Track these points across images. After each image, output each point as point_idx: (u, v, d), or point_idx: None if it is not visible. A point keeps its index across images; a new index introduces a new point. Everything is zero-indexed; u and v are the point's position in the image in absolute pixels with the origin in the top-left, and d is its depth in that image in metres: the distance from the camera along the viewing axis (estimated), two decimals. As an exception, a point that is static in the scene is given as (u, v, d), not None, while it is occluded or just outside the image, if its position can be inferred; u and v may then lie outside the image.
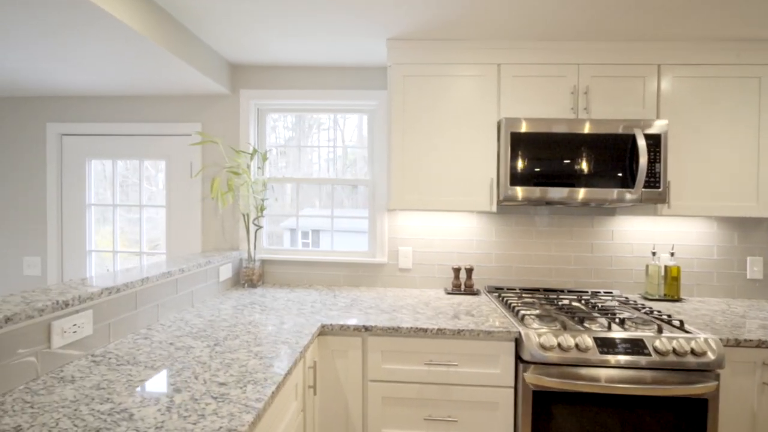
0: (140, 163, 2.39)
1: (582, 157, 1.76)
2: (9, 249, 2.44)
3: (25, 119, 2.42)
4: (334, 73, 2.27)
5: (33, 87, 2.27)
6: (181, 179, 2.34)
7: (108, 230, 2.43)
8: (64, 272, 2.42)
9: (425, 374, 1.53)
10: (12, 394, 0.93)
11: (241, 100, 2.28)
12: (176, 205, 2.35)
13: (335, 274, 2.26)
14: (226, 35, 1.89)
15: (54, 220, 2.40)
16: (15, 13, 1.38)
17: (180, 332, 1.40)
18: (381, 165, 2.24)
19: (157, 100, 2.35)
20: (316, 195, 2.43)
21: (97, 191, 2.44)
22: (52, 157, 2.40)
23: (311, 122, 2.45)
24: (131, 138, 2.38)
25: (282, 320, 1.57)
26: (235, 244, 2.30)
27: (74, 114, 2.40)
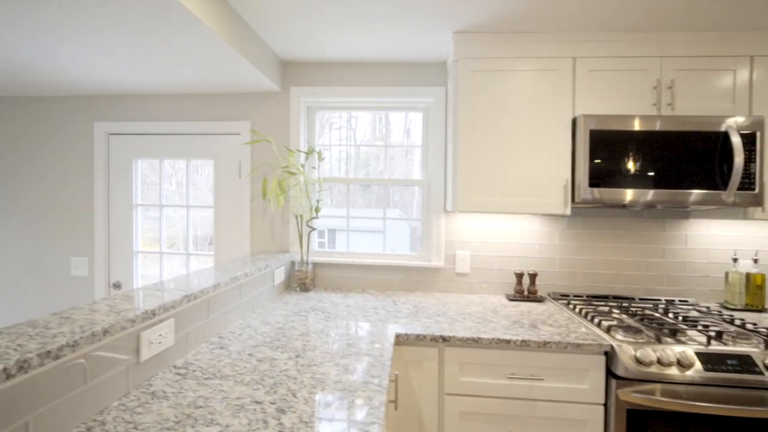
0: (187, 163, 2.34)
1: (667, 156, 1.64)
2: (57, 249, 2.41)
3: (73, 118, 2.39)
4: (387, 70, 2.19)
5: (81, 86, 2.23)
6: (229, 179, 2.28)
7: (154, 231, 2.39)
8: (110, 273, 2.38)
9: (507, 388, 1.43)
10: (109, 412, 0.86)
11: (291, 97, 2.21)
12: (224, 205, 2.29)
13: (389, 278, 2.18)
14: (281, 29, 1.82)
15: (101, 221, 2.37)
16: (66, 10, 1.33)
17: (253, 341, 1.33)
18: (437, 165, 2.14)
19: (205, 99, 2.29)
20: (342, 194, 2.35)
21: (144, 191, 2.40)
22: (100, 156, 2.37)
23: (337, 121, 2.37)
24: (179, 137, 2.33)
25: (352, 328, 1.49)
26: (284, 246, 2.23)
27: (121, 113, 2.36)
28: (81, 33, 1.52)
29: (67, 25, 1.46)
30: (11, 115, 2.45)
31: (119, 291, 2.38)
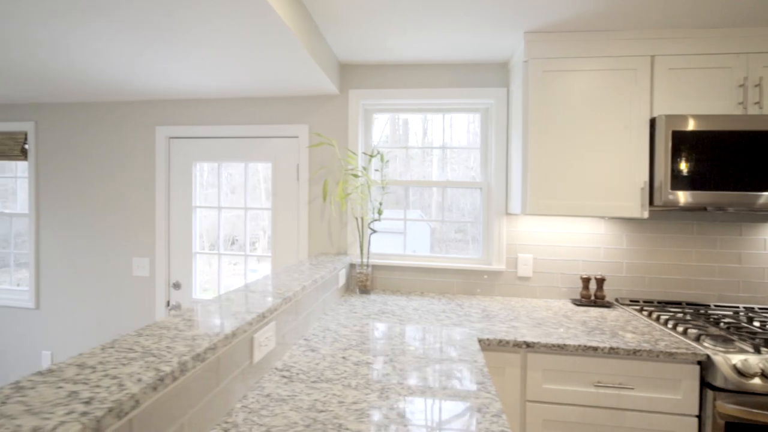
0: (245, 166, 2.38)
1: (754, 157, 1.56)
2: (120, 250, 2.49)
3: (136, 123, 2.46)
4: (445, 71, 2.17)
5: (145, 91, 2.30)
6: (286, 182, 2.31)
7: (212, 232, 2.44)
8: (171, 274, 2.44)
9: (593, 397, 1.39)
10: (236, 414, 0.88)
11: (350, 100, 2.22)
12: (281, 208, 2.32)
13: (447, 281, 2.16)
14: (345, 31, 1.82)
15: (162, 222, 2.43)
16: (135, 16, 1.36)
17: (340, 344, 1.33)
18: (498, 167, 2.11)
19: (263, 102, 2.33)
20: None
21: (202, 193, 2.45)
22: (161, 159, 2.43)
23: (404, 123, 2.36)
24: (237, 140, 2.37)
25: (429, 332, 1.47)
26: (342, 248, 2.24)
27: (181, 117, 2.42)
28: (160, 40, 1.56)
29: (147, 32, 1.50)
30: (79, 121, 2.54)
31: (181, 293, 2.43)
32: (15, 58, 1.81)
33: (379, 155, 1.99)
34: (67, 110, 2.56)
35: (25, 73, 2.01)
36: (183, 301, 2.43)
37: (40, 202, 2.61)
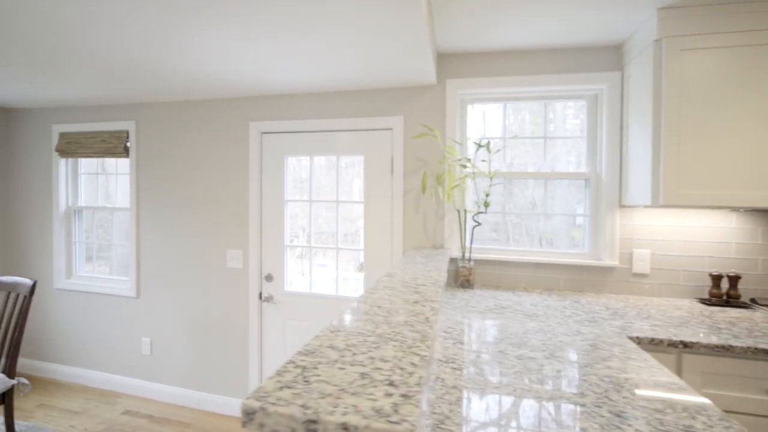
0: (337, 159, 2.39)
1: None
2: (215, 242, 2.58)
3: (230, 119, 2.54)
4: (550, 56, 2.07)
5: (239, 88, 2.36)
6: (379, 174, 2.29)
7: (303, 226, 2.47)
8: (263, 266, 2.50)
9: (764, 405, 1.26)
10: (439, 406, 0.84)
11: (447, 90, 2.17)
12: (374, 200, 2.30)
13: (553, 277, 2.06)
14: (451, 17, 1.76)
15: (255, 216, 2.49)
16: (251, 14, 1.36)
17: (484, 338, 1.28)
18: (611, 156, 1.99)
19: (356, 95, 2.32)
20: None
21: (294, 187, 2.49)
22: (254, 154, 2.49)
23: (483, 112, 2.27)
24: (328, 134, 2.38)
25: (569, 329, 1.39)
26: (437, 242, 2.19)
27: (274, 113, 2.47)
28: (272, 34, 1.57)
29: (260, 27, 1.51)
30: (176, 119, 2.65)
31: (271, 282, 2.48)
32: (128, 59, 1.89)
33: (487, 145, 1.92)
34: (165, 109, 2.68)
35: (131, 73, 2.10)
36: (275, 293, 2.47)
37: (140, 197, 2.75)
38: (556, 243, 2.17)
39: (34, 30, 1.59)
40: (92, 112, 2.85)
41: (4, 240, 3.08)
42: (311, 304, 2.41)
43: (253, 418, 0.45)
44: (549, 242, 2.17)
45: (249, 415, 0.46)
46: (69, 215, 2.98)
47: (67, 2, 1.37)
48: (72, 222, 2.98)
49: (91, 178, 3.02)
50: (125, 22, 1.51)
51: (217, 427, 2.39)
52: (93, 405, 2.61)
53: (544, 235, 2.18)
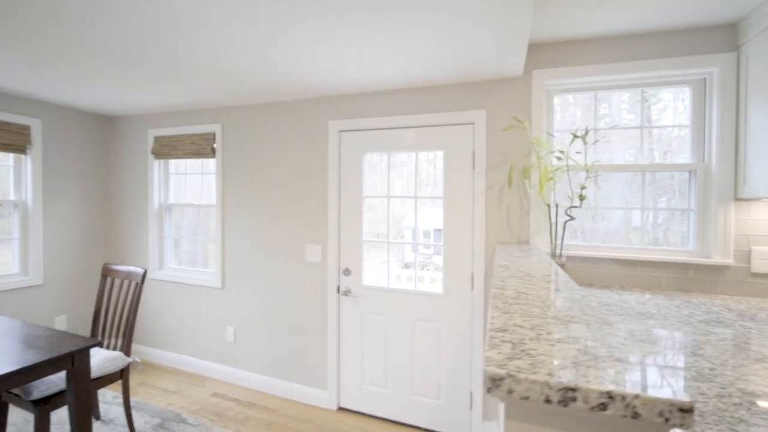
0: (416, 156, 2.41)
1: None
2: (294, 237, 2.69)
3: (310, 119, 2.65)
4: (650, 40, 1.94)
5: (319, 88, 2.45)
6: (459, 169, 2.27)
7: (381, 221, 2.51)
8: (341, 260, 2.57)
9: None
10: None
11: (534, 81, 2.11)
12: (454, 196, 2.29)
13: (654, 275, 1.93)
14: (539, 5, 1.71)
15: (333, 211, 2.57)
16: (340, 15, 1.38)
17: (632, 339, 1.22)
18: (724, 145, 1.83)
19: (435, 91, 2.32)
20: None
21: (372, 183, 2.54)
22: (333, 152, 2.57)
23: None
24: (406, 130, 2.41)
25: (698, 329, 1.29)
26: (522, 237, 2.14)
27: (352, 111, 2.53)
28: (363, 35, 1.60)
29: (349, 30, 1.55)
30: (258, 120, 2.81)
31: (349, 276, 2.55)
32: (219, 67, 2.02)
33: (584, 136, 1.84)
34: (248, 111, 2.85)
35: (221, 79, 2.25)
36: (353, 287, 2.54)
37: (225, 194, 2.94)
38: (654, 239, 2.03)
39: (137, 43, 1.75)
40: (183, 117, 3.10)
41: (107, 234, 3.42)
42: (389, 298, 2.44)
43: (500, 385, 0.46)
44: (653, 240, 2.03)
45: (496, 381, 0.46)
46: (161, 212, 3.25)
47: (165, 20, 1.49)
48: (163, 218, 3.25)
49: (179, 178, 3.28)
50: (221, 32, 1.62)
51: (299, 414, 2.49)
52: (185, 386, 2.83)
53: (639, 230, 2.05)
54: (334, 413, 2.52)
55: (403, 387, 2.41)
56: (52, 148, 3.01)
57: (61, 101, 2.91)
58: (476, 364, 2.23)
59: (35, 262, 2.89)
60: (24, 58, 2.01)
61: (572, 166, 1.98)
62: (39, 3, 1.45)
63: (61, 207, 3.08)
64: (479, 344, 2.22)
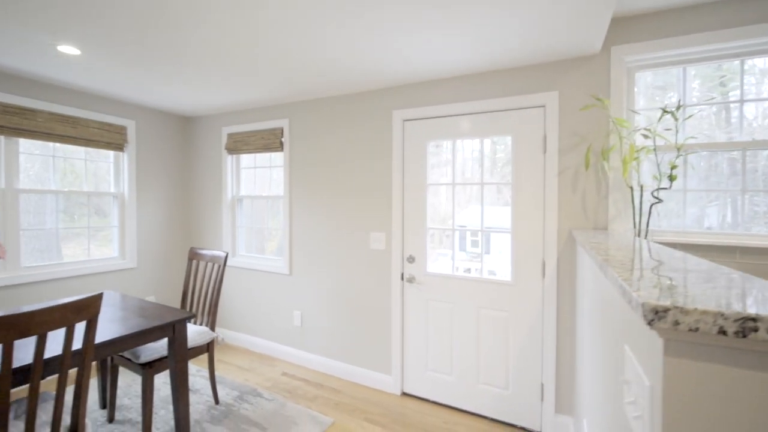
0: (481, 142, 2.38)
1: None
2: (359, 225, 2.77)
3: (374, 110, 2.71)
4: (748, 4, 1.76)
5: (383, 80, 2.50)
6: (529, 154, 2.21)
7: (444, 208, 2.51)
8: (405, 248, 2.61)
9: None
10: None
11: (612, 58, 2.00)
12: (523, 181, 2.23)
13: (760, 263, 1.75)
14: None
15: (398, 199, 2.61)
16: None
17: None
18: None
19: (503, 75, 2.28)
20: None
21: (436, 171, 2.55)
22: (397, 141, 2.61)
23: (689, 77, 1.99)
24: (471, 116, 2.39)
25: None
26: (600, 223, 2.03)
27: (416, 100, 2.56)
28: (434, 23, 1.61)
29: (420, 19, 1.56)
30: (324, 113, 2.93)
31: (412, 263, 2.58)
32: (288, 65, 2.13)
33: (674, 112, 1.71)
34: (314, 106, 2.98)
35: (290, 75, 2.37)
36: (417, 274, 2.56)
37: (292, 185, 3.10)
38: (754, 224, 1.83)
39: (219, 48, 1.90)
40: (253, 114, 3.31)
41: (187, 223, 3.75)
42: (454, 286, 2.43)
43: (665, 316, 0.45)
44: (752, 226, 1.84)
45: (659, 313, 0.46)
46: (233, 203, 3.50)
47: (251, 26, 1.60)
48: (236, 209, 3.50)
49: (249, 172, 3.51)
50: (297, 32, 1.71)
51: (364, 396, 2.57)
52: (257, 365, 3.02)
53: (738, 214, 1.86)
54: (398, 398, 2.56)
55: (468, 375, 2.39)
56: (143, 145, 3.36)
57: (150, 104, 3.23)
58: (547, 355, 2.16)
59: (130, 247, 3.24)
60: (123, 65, 2.27)
61: (660, 146, 1.85)
62: (142, 18, 1.64)
63: (151, 198, 3.42)
64: (551, 335, 2.14)
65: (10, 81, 2.53)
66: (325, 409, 2.40)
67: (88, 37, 1.92)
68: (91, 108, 2.98)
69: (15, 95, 2.54)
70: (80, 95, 2.90)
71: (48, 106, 2.71)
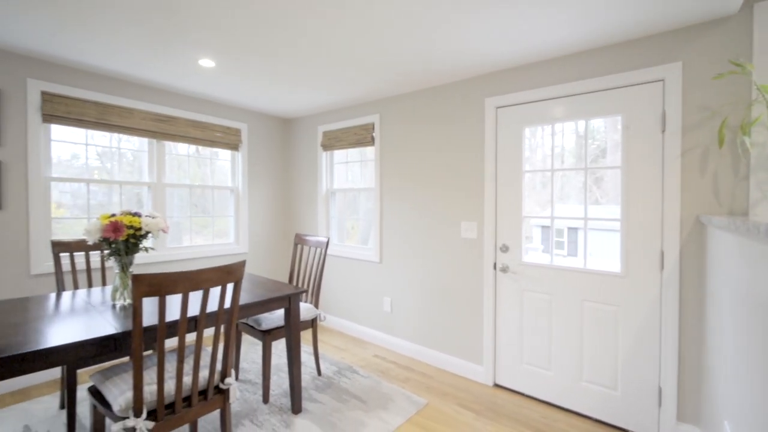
0: (585, 123, 2.24)
1: None
2: (449, 214, 2.80)
3: (465, 99, 2.72)
4: None
5: (474, 68, 2.49)
6: (643, 134, 2.02)
7: (542, 195, 2.42)
8: (498, 237, 2.56)
9: None
10: None
11: (756, 17, 1.73)
12: (636, 164, 2.04)
13: None
14: None
15: (490, 188, 2.58)
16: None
17: None
18: None
19: (611, 50, 2.11)
20: None
21: (532, 156, 2.47)
22: (489, 129, 2.58)
23: None
24: (572, 98, 2.25)
25: None
26: (737, 208, 1.77)
27: (509, 86, 2.50)
28: None
29: None
30: (413, 106, 3.02)
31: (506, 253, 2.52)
32: (382, 60, 2.22)
33: None
34: (404, 100, 3.09)
35: (381, 72, 2.48)
36: (511, 263, 2.50)
37: (382, 177, 3.25)
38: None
39: (319, 47, 2.06)
40: (345, 112, 3.54)
41: (287, 215, 4.16)
42: (554, 276, 2.32)
43: None
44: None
45: None
46: (327, 196, 3.78)
47: (355, 27, 1.71)
48: (329, 201, 3.78)
49: (340, 166, 3.76)
50: (397, 27, 1.78)
51: (455, 384, 2.59)
52: (350, 346, 3.23)
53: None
54: (490, 388, 2.53)
55: (569, 371, 2.27)
56: (253, 145, 3.81)
57: (259, 108, 3.66)
58: (667, 356, 1.94)
59: (243, 234, 3.70)
60: (244, 72, 2.61)
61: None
62: (266, 22, 1.87)
63: (258, 192, 3.87)
64: (672, 334, 1.93)
65: (159, 94, 3.08)
66: (417, 391, 2.48)
67: (222, 50, 2.26)
68: (215, 114, 3.47)
69: (162, 105, 3.09)
70: (206, 103, 3.41)
71: (184, 114, 3.23)
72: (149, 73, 2.71)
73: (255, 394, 2.37)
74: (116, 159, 2.92)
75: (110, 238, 1.68)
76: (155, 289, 1.28)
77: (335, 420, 2.12)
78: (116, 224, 1.67)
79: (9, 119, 2.38)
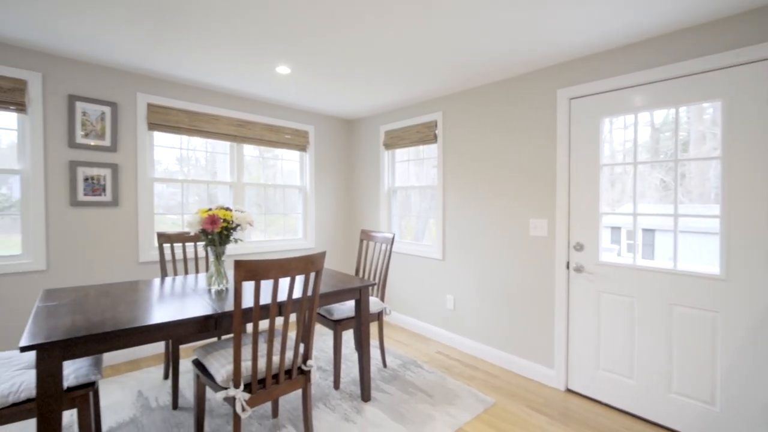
0: (676, 111, 2.05)
1: None
2: (517, 211, 2.72)
3: (535, 91, 2.62)
4: None
5: (544, 59, 2.39)
6: (750, 119, 1.80)
7: (622, 190, 2.25)
8: (571, 235, 2.44)
9: None
10: None
11: None
12: (740, 154, 1.83)
13: None
14: None
15: (563, 183, 2.46)
16: None
17: None
18: None
19: (701, 30, 1.91)
20: None
21: (609, 149, 2.31)
22: (562, 122, 2.47)
23: None
24: (658, 84, 2.07)
25: None
26: None
27: (583, 75, 2.37)
28: None
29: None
30: (478, 101, 2.98)
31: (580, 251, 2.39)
32: (440, 60, 2.20)
33: None
34: (467, 96, 3.06)
35: (445, 70, 2.47)
36: (586, 263, 2.36)
37: (446, 174, 3.25)
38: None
39: (393, 44, 2.10)
40: (407, 111, 3.59)
41: (350, 212, 4.32)
42: (636, 277, 2.16)
43: None
44: None
45: None
46: (389, 194, 3.86)
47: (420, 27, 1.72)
48: (391, 199, 3.85)
49: (402, 164, 3.81)
50: (462, 23, 1.77)
51: (523, 385, 2.51)
52: (413, 342, 3.27)
53: None
54: (562, 393, 2.41)
55: (655, 381, 2.09)
56: (319, 146, 4.02)
57: (324, 111, 3.85)
58: (780, 369, 1.71)
59: (310, 230, 3.92)
60: (316, 77, 2.77)
61: None
62: (341, 25, 1.97)
63: (324, 190, 4.07)
64: (786, 344, 1.70)
65: (240, 101, 3.38)
66: (484, 389, 2.44)
67: (299, 56, 2.43)
68: (286, 117, 3.72)
69: (242, 111, 3.38)
70: (278, 108, 3.66)
71: (260, 118, 3.51)
72: (232, 82, 2.98)
73: (326, 380, 2.51)
74: (192, 163, 3.24)
75: (208, 229, 1.89)
76: (252, 275, 1.42)
77: (403, 411, 2.17)
78: (213, 217, 1.88)
79: (123, 128, 2.77)
